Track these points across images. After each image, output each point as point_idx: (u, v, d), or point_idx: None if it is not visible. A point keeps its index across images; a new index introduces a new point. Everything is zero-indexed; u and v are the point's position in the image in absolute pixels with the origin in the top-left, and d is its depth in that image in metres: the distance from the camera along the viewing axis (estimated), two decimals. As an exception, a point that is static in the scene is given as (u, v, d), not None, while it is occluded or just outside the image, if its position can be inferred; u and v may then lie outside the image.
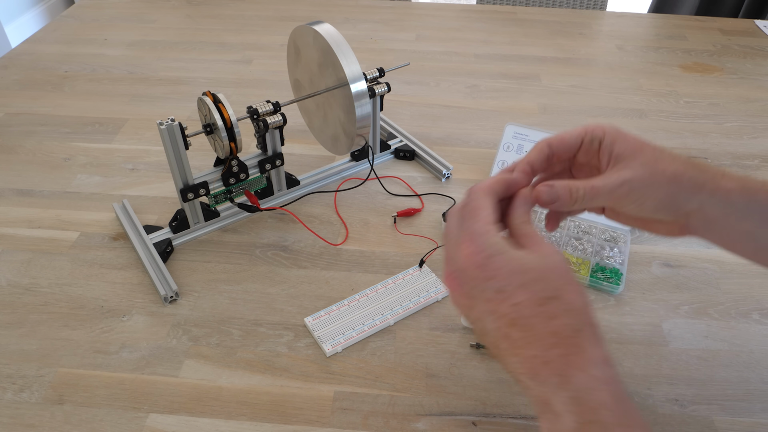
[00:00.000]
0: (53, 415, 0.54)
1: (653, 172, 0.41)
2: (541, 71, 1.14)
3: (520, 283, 0.36)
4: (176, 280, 0.67)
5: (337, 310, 0.64)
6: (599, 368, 0.34)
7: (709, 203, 0.42)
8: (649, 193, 0.42)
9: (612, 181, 0.42)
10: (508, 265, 0.37)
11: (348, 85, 0.69)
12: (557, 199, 0.42)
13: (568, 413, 0.33)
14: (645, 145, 0.43)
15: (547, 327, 0.35)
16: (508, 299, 0.36)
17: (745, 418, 0.55)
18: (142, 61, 1.15)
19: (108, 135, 0.93)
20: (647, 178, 0.41)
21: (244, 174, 0.72)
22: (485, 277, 0.37)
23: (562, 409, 0.33)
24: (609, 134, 0.44)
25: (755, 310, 0.66)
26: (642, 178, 0.41)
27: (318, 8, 1.39)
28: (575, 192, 0.42)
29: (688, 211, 0.42)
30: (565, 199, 0.42)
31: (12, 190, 0.81)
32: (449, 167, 0.84)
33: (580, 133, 0.45)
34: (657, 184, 0.41)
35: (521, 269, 0.37)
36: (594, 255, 0.71)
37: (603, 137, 0.44)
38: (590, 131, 0.45)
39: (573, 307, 0.36)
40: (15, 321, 0.63)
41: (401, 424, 0.54)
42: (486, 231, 0.38)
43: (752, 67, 1.16)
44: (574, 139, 0.45)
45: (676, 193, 0.42)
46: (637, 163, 0.42)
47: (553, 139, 0.46)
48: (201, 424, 0.54)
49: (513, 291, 0.36)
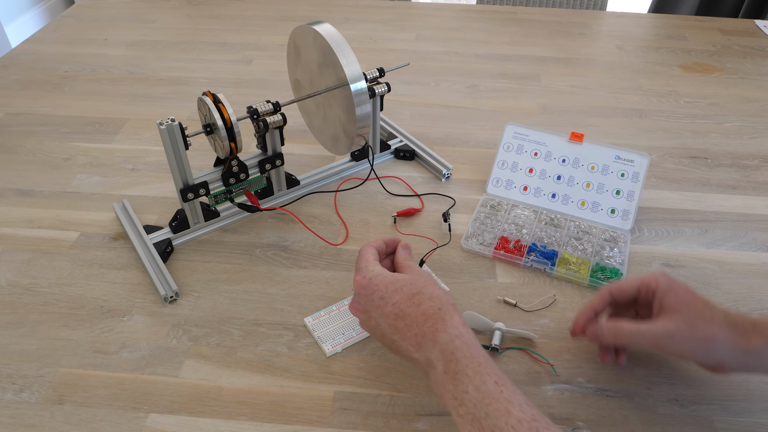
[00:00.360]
0: (53, 415, 0.54)
1: (692, 330, 0.50)
2: (541, 71, 1.14)
3: (394, 289, 0.51)
4: (176, 280, 0.67)
5: (337, 310, 0.64)
6: (456, 329, 0.48)
7: (743, 358, 0.50)
8: (687, 347, 0.51)
9: (657, 331, 0.51)
10: (384, 280, 0.52)
11: (348, 85, 0.69)
12: (602, 337, 0.54)
13: (438, 360, 0.47)
14: (690, 301, 0.52)
15: (418, 311, 0.49)
16: (389, 300, 0.51)
17: (745, 418, 0.55)
18: (142, 61, 1.15)
19: (108, 135, 0.93)
20: (687, 334, 0.50)
21: (244, 174, 0.72)
22: (371, 292, 0.52)
23: (435, 359, 0.47)
24: (662, 287, 0.53)
25: (755, 310, 0.66)
26: (682, 334, 0.50)
27: (318, 8, 1.39)
28: (620, 332, 0.53)
29: (727, 367, 0.52)
30: (609, 339, 0.54)
31: (12, 190, 0.81)
32: (449, 167, 0.84)
33: (637, 284, 0.55)
34: (694, 341, 0.50)
35: (394, 280, 0.52)
36: (594, 255, 0.71)
37: (656, 290, 0.53)
38: (645, 283, 0.54)
39: (433, 295, 0.50)
40: (15, 321, 0.63)
41: (401, 424, 0.54)
42: (367, 264, 0.54)
43: (752, 67, 1.16)
44: (632, 289, 0.55)
45: (711, 350, 0.50)
46: (681, 318, 0.51)
47: (614, 287, 0.56)
48: (201, 424, 0.54)
49: (391, 295, 0.51)
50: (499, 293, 0.67)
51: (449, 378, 0.45)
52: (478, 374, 0.44)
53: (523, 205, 0.78)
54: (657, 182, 0.85)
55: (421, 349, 0.48)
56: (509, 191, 0.80)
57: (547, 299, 0.66)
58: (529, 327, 0.63)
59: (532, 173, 0.80)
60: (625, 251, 0.71)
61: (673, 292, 0.52)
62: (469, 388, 0.44)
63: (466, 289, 0.67)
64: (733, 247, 0.74)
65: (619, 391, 0.57)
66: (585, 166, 0.79)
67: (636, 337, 0.52)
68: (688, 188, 0.84)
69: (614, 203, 0.76)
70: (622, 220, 0.75)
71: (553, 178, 0.79)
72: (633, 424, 0.54)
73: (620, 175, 0.77)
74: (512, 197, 0.79)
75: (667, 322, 0.51)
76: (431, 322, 0.48)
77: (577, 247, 0.72)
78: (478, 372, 0.44)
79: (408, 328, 0.49)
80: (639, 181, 0.76)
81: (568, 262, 0.70)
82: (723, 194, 0.83)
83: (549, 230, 0.74)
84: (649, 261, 0.72)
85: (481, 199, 0.79)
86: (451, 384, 0.45)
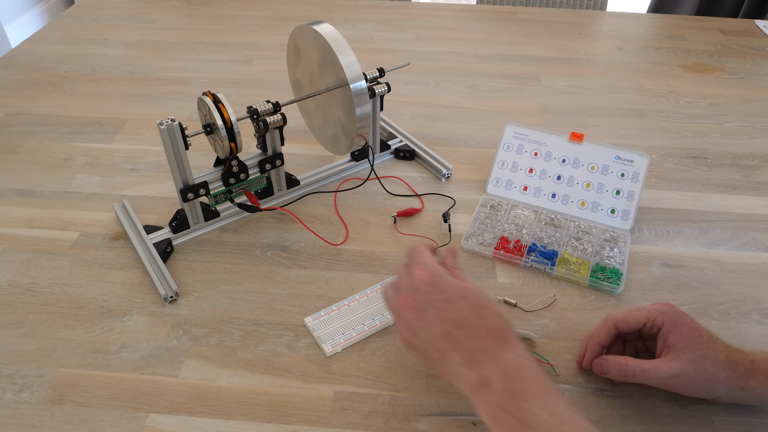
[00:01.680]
0: (53, 415, 0.54)
1: (696, 371, 0.51)
2: (541, 71, 1.14)
3: (460, 296, 0.48)
4: (176, 280, 0.67)
5: (337, 310, 0.64)
6: (522, 350, 0.46)
7: (739, 394, 0.53)
8: (691, 388, 0.53)
9: (663, 373, 0.52)
10: (451, 282, 0.49)
11: (348, 85, 0.69)
12: (607, 372, 0.55)
13: (498, 378, 0.43)
14: (694, 339, 0.52)
15: (482, 324, 0.46)
16: (454, 305, 0.47)
17: (745, 418, 0.55)
18: (142, 61, 1.15)
19: (108, 135, 0.93)
20: (691, 377, 0.51)
21: (244, 174, 0.72)
22: (435, 291, 0.48)
23: (493, 377, 0.43)
24: (667, 324, 0.54)
25: (755, 310, 0.66)
26: (687, 377, 0.51)
27: (318, 8, 1.39)
28: (624, 370, 0.54)
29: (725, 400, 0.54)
30: (613, 374, 0.55)
31: (12, 190, 0.81)
32: (449, 167, 0.84)
33: (643, 318, 0.55)
34: (698, 383, 0.52)
35: (460, 286, 0.49)
36: (594, 255, 0.71)
37: (662, 326, 0.54)
38: (652, 318, 0.55)
39: (499, 314, 0.47)
40: (15, 321, 0.63)
41: (401, 424, 0.54)
42: (432, 262, 0.51)
43: (752, 67, 1.16)
44: (638, 322, 0.56)
45: (714, 389, 0.52)
46: (686, 358, 0.52)
47: (619, 320, 0.56)
48: (201, 424, 0.54)
49: (456, 300, 0.47)
50: (499, 293, 0.67)
51: (512, 397, 0.42)
52: (548, 397, 0.42)
53: (523, 205, 0.78)
54: (657, 182, 0.85)
55: (476, 364, 0.45)
56: (509, 191, 0.80)
57: (547, 299, 0.66)
58: (529, 327, 0.63)
59: (532, 173, 0.80)
60: (625, 251, 0.71)
61: (678, 329, 0.53)
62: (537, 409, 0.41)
63: (466, 289, 0.67)
64: (733, 247, 0.74)
65: (619, 391, 0.57)
66: (585, 166, 0.79)
67: (641, 376, 0.53)
68: (688, 188, 0.84)
69: (614, 203, 0.76)
70: (622, 220, 0.75)
71: (553, 178, 0.79)
72: (633, 424, 0.54)
73: (620, 175, 0.77)
74: (512, 197, 0.79)
75: (672, 364, 0.52)
76: (495, 339, 0.45)
77: (577, 247, 0.72)
78: (548, 395, 0.42)
79: (467, 340, 0.46)
80: (639, 181, 0.76)
81: (568, 262, 0.70)
82: (723, 194, 0.83)
83: (549, 230, 0.74)
84: (649, 261, 0.72)
85: (481, 199, 0.79)
86: (513, 404, 0.42)
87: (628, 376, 0.54)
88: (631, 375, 0.53)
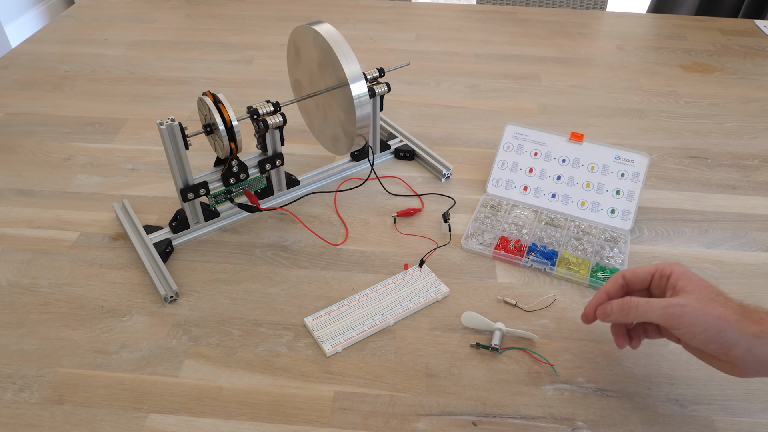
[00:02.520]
0: (53, 415, 0.54)
1: (704, 307, 0.49)
2: (541, 71, 1.14)
3: None
4: (176, 280, 0.67)
5: (337, 310, 0.64)
6: None
7: (756, 346, 0.48)
8: (698, 323, 0.49)
9: (669, 301, 0.50)
10: None
11: (348, 85, 0.69)
12: (611, 313, 0.54)
13: None
14: (705, 286, 0.51)
15: None
16: None
17: (745, 418, 0.55)
18: (142, 61, 1.15)
19: (108, 135, 0.93)
20: (698, 310, 0.49)
21: (244, 174, 0.72)
22: None
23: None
24: (676, 273, 0.53)
25: (755, 310, 0.65)
26: (693, 308, 0.49)
27: (318, 8, 1.39)
28: (628, 305, 0.52)
29: (740, 354, 0.48)
30: (617, 314, 0.53)
31: (12, 190, 0.81)
32: (449, 167, 0.84)
33: (652, 270, 0.54)
34: (705, 317, 0.49)
35: None
36: (594, 255, 0.71)
37: (671, 275, 0.53)
38: (660, 269, 0.54)
39: None
40: (15, 321, 0.63)
41: (401, 424, 0.54)
42: None
43: (752, 67, 1.16)
44: (646, 274, 0.55)
45: (724, 330, 0.48)
46: (693, 297, 0.50)
47: (627, 271, 0.56)
48: (201, 424, 0.54)
49: None
50: (499, 293, 0.67)
51: None
52: None
53: (523, 205, 0.78)
54: (657, 182, 0.85)
55: None
56: (509, 191, 0.80)
57: (547, 299, 0.66)
58: (529, 327, 0.63)
59: (532, 173, 0.80)
60: (625, 251, 0.71)
61: (687, 277, 0.52)
62: None
63: (466, 289, 0.67)
64: (733, 247, 0.74)
65: (619, 391, 0.57)
66: (585, 166, 0.79)
67: (645, 308, 0.51)
68: (688, 188, 0.84)
69: (614, 203, 0.76)
70: (622, 220, 0.75)
71: (553, 178, 0.79)
72: (633, 424, 0.54)
73: (620, 175, 0.77)
74: (512, 197, 0.79)
75: (678, 297, 0.50)
76: None
77: (577, 247, 0.72)
78: None
79: None
80: (639, 181, 0.76)
81: (568, 262, 0.70)
82: (723, 194, 0.83)
83: (549, 230, 0.74)
84: (649, 261, 0.72)
85: (481, 199, 0.79)
86: None
87: (632, 311, 0.52)
88: (635, 309, 0.52)
